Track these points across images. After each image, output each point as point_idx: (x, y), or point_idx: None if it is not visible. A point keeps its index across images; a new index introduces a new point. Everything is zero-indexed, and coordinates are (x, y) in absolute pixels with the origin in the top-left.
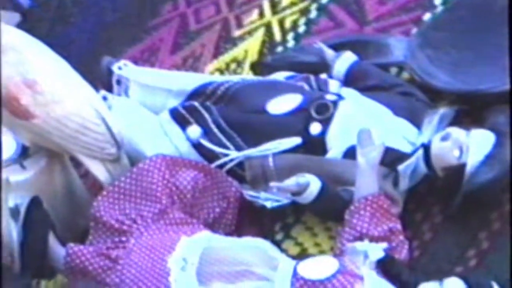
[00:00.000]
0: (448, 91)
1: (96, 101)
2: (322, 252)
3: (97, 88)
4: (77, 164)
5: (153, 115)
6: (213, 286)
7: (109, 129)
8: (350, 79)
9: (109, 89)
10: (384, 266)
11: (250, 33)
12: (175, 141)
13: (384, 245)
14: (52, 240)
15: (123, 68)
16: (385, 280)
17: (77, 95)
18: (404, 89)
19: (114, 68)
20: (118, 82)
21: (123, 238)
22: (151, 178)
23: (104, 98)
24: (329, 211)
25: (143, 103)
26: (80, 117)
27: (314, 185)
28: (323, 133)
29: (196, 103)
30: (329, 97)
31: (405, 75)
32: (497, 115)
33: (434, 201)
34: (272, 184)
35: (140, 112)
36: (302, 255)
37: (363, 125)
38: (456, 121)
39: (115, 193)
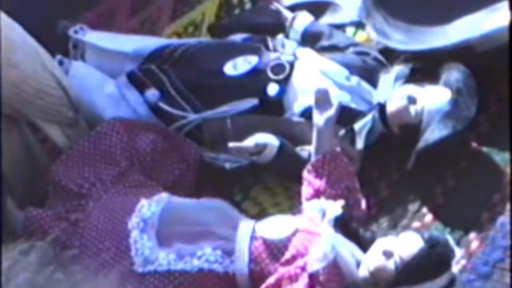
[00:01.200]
0: (403, 50)
1: (52, 66)
2: (281, 212)
3: (53, 53)
4: (35, 129)
5: (110, 79)
6: (173, 247)
7: (66, 93)
8: (306, 40)
9: (66, 54)
10: (342, 223)
11: None
12: (133, 105)
13: (342, 202)
14: (10, 205)
15: (79, 32)
16: (343, 236)
17: (33, 60)
18: (359, 49)
19: (70, 32)
20: (75, 46)
21: (83, 202)
22: (109, 142)
23: (60, 63)
24: (288, 170)
25: (99, 67)
26: (36, 81)
27: (272, 145)
28: (280, 94)
29: (153, 66)
30: (286, 58)
31: (361, 34)
32: (451, 72)
33: (390, 159)
34: (231, 145)
35: (97, 76)
36: (261, 215)
37: (319, 85)
38: (412, 79)
39: (74, 157)
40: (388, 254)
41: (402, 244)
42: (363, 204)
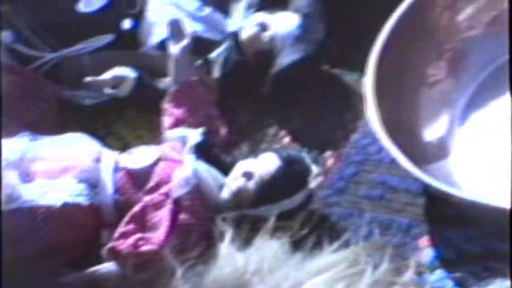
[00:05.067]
0: None
1: None
2: (144, 144)
3: None
4: None
5: None
6: (37, 183)
7: None
8: None
9: None
10: (203, 150)
11: None
12: None
13: (202, 129)
14: None
15: None
16: (204, 162)
17: None
18: None
19: None
20: None
21: None
22: None
23: None
24: (148, 102)
25: None
26: None
27: (129, 77)
28: (135, 28)
29: (5, 8)
30: None
31: None
32: None
33: (247, 86)
34: (88, 79)
35: None
36: (125, 149)
37: (172, 17)
38: (262, 7)
39: None
40: (248, 175)
41: (260, 165)
42: (223, 131)
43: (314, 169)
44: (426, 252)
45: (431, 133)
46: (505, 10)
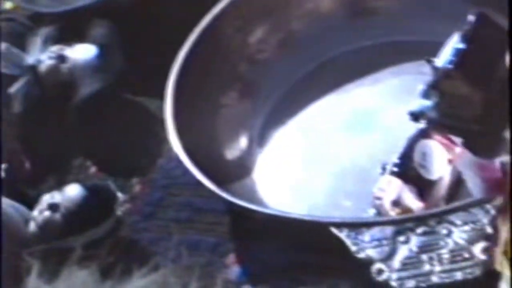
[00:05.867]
0: (48, 13)
1: None
2: None
3: None
4: None
5: None
6: None
7: None
8: None
9: None
10: (6, 185)
11: None
12: None
13: (4, 165)
14: None
15: None
16: (8, 198)
17: None
18: (5, 16)
19: None
20: None
21: None
22: None
23: None
24: None
25: None
26: None
27: None
28: None
29: None
30: None
31: (8, 4)
32: (96, 29)
33: (50, 119)
34: None
35: None
36: None
37: None
38: (60, 39)
39: None
40: (53, 207)
41: (65, 196)
42: (27, 165)
43: (121, 196)
44: (233, 269)
45: (231, 153)
46: (291, 32)
